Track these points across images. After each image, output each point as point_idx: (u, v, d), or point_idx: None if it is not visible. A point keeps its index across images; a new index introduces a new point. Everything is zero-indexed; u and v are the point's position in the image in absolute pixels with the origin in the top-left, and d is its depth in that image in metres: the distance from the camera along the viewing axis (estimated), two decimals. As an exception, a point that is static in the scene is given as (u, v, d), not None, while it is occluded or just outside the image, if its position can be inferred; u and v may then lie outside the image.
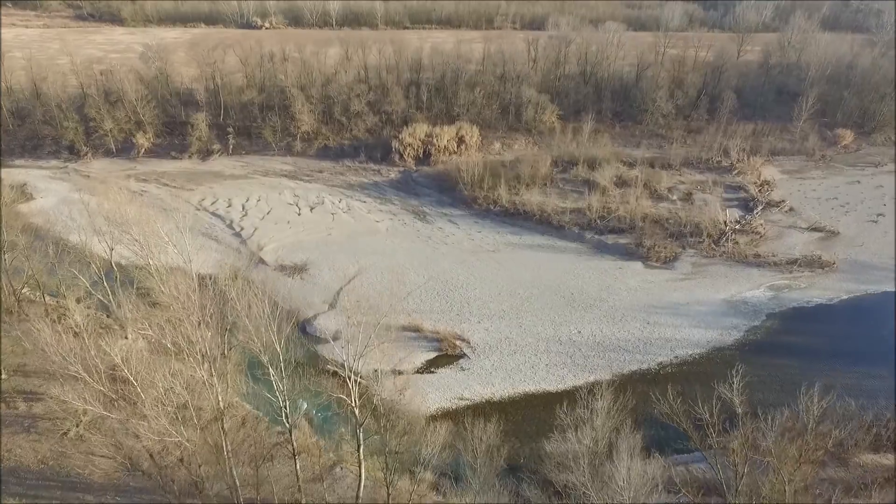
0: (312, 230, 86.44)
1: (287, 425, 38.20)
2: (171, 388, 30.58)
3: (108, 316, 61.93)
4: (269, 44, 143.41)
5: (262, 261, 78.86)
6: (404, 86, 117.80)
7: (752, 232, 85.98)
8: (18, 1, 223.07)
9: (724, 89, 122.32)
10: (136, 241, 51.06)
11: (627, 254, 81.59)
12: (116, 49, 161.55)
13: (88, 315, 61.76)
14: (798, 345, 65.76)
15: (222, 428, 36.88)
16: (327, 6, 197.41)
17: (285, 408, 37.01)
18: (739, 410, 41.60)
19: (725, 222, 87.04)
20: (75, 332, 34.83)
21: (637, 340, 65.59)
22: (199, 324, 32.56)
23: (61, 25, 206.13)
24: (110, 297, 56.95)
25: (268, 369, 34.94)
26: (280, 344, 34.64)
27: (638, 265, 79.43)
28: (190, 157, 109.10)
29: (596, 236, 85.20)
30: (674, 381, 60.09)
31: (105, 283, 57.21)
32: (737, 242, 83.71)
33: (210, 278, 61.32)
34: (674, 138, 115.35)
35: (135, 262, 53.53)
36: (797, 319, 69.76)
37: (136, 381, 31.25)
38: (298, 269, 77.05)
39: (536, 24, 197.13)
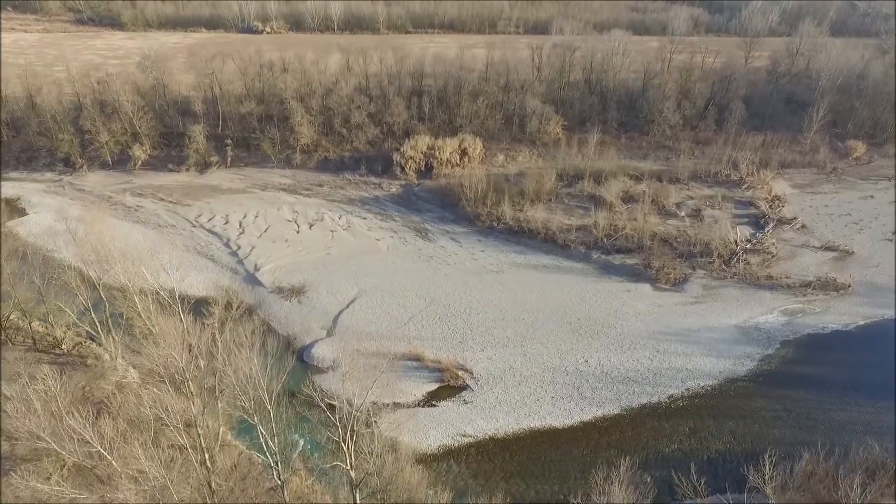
0: (311, 249, 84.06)
1: (279, 482, 35.90)
2: (148, 470, 28.26)
3: (98, 344, 59.77)
4: (269, 50, 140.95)
5: (258, 282, 76.53)
6: (406, 96, 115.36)
7: (764, 252, 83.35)
8: (19, 1, 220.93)
9: (733, 99, 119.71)
10: (120, 281, 48.60)
11: (635, 275, 79.00)
12: (116, 55, 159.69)
13: (78, 343, 59.92)
14: (815, 376, 63.13)
15: (208, 485, 34.59)
16: (329, 11, 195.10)
17: (277, 465, 34.70)
18: (772, 501, 38.75)
19: (736, 241, 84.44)
20: (45, 400, 32.23)
21: (646, 371, 63.06)
22: (185, 381, 30.24)
23: (61, 30, 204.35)
24: (98, 328, 54.73)
25: (258, 428, 32.57)
26: (271, 402, 32.30)
27: (646, 287, 76.88)
28: (187, 169, 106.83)
29: (603, 256, 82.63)
30: (685, 416, 58.05)
31: (93, 314, 54.94)
32: (748, 263, 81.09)
33: (202, 306, 59.02)
34: (681, 150, 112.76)
35: (122, 295, 51.12)
36: (813, 347, 67.10)
37: (112, 454, 29.01)
38: (296, 292, 74.66)
39: (540, 28, 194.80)
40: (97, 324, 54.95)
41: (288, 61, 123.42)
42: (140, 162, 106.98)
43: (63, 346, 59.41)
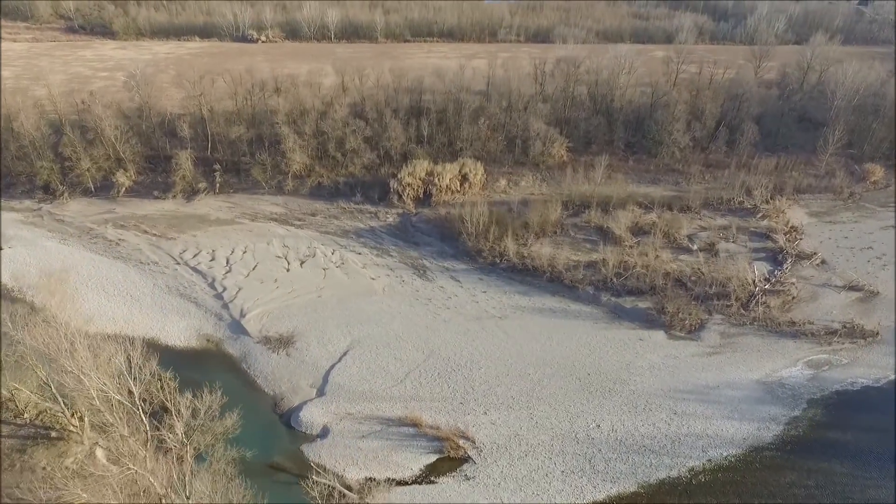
0: (301, 290, 78.68)
1: None
2: None
3: (62, 413, 54.63)
4: (263, 61, 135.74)
5: (244, 331, 71.27)
6: (404, 118, 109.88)
7: (784, 293, 78.20)
8: (12, 1, 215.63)
9: (744, 119, 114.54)
10: (72, 373, 43.28)
11: (648, 321, 73.78)
12: (106, 66, 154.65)
13: (42, 412, 54.88)
14: (847, 443, 57.97)
15: None
16: (325, 19, 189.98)
17: None
18: None
19: (754, 282, 79.19)
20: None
21: (664, 437, 57.91)
22: None
23: (51, 39, 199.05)
24: (62, 402, 49.64)
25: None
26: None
27: (660, 335, 71.65)
28: (174, 197, 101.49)
29: (612, 299, 77.35)
30: (709, 494, 53.01)
31: (54, 389, 49.77)
32: (768, 306, 75.91)
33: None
34: (692, 174, 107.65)
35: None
36: (843, 407, 61.91)
37: None
38: (284, 342, 69.35)
39: (541, 36, 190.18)
40: (59, 398, 49.87)
41: (280, 80, 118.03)
42: (124, 189, 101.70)
43: (25, 416, 54.35)
